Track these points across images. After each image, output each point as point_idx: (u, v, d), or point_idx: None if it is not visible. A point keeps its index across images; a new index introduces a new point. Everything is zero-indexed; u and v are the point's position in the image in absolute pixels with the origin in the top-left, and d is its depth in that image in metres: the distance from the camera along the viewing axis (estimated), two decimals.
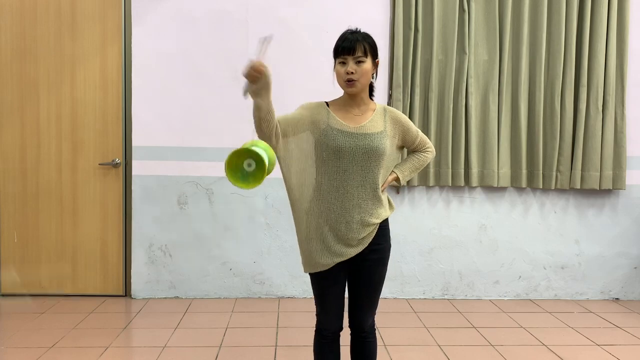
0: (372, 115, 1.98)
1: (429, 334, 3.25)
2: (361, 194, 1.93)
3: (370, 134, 1.93)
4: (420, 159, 2.14)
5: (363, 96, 1.99)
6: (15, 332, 3.17)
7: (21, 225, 3.83)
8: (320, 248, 1.94)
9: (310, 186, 1.95)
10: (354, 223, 1.92)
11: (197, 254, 3.87)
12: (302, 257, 2.02)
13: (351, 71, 1.88)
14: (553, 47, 3.81)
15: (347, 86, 1.92)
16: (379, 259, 2.01)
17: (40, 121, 3.79)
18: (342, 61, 1.90)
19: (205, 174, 3.84)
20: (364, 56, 1.90)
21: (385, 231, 2.04)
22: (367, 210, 1.93)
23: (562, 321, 3.53)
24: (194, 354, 2.90)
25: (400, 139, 2.04)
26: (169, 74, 3.78)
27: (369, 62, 1.91)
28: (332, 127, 1.93)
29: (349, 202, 1.92)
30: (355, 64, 1.89)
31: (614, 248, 4.01)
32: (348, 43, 1.88)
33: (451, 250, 3.96)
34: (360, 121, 1.96)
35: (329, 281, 1.99)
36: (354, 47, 1.88)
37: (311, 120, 1.95)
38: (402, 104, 3.75)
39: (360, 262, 1.99)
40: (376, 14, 3.82)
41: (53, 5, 3.75)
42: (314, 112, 1.97)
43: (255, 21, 3.78)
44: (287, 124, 1.93)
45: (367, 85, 1.96)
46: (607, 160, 3.84)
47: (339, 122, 1.94)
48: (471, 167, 3.81)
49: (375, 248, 1.99)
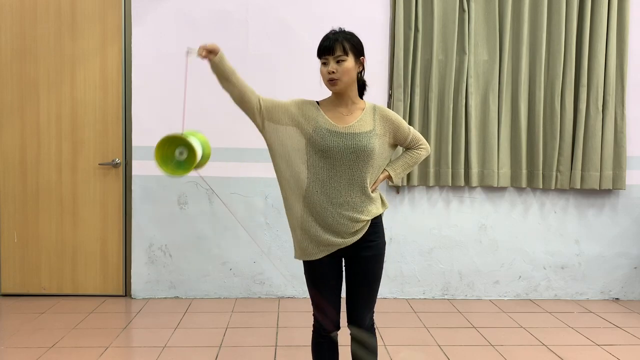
0: (361, 115, 1.99)
1: (429, 334, 3.25)
2: (349, 192, 1.94)
3: (359, 133, 1.94)
4: (413, 156, 2.13)
5: (351, 95, 2.00)
6: (15, 332, 3.17)
7: (21, 225, 3.83)
8: (308, 237, 1.96)
9: (300, 180, 1.96)
10: (343, 218, 1.93)
11: (197, 254, 3.87)
12: (293, 243, 2.04)
13: (332, 70, 1.91)
14: (553, 47, 3.81)
15: (330, 85, 1.95)
16: (373, 255, 2.01)
17: (40, 121, 3.79)
18: (324, 61, 1.95)
19: (205, 174, 3.82)
20: (344, 55, 1.92)
21: (378, 227, 2.03)
22: (355, 207, 1.94)
23: (562, 321, 3.53)
24: (194, 354, 2.90)
25: (392, 137, 2.04)
26: (169, 74, 3.78)
27: (350, 61, 1.93)
28: (321, 127, 1.94)
29: (337, 199, 1.93)
30: (336, 63, 1.92)
31: (614, 248, 4.01)
32: (327, 43, 1.93)
33: (451, 250, 3.96)
34: (349, 121, 1.97)
35: (321, 271, 2.00)
36: (333, 46, 1.91)
37: (299, 118, 1.97)
38: (402, 103, 3.75)
39: (354, 259, 2.00)
40: (376, 14, 3.82)
41: (53, 5, 3.75)
42: (304, 109, 1.99)
43: (255, 21, 3.78)
44: (273, 106, 1.96)
45: (351, 84, 1.97)
46: (607, 160, 3.84)
47: (328, 122, 1.96)
48: (471, 167, 3.81)
49: (369, 245, 1.99)
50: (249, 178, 3.86)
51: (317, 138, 1.93)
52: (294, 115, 1.97)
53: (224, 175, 3.83)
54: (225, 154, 3.82)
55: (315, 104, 2.02)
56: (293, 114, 1.97)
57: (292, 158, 1.95)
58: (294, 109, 1.98)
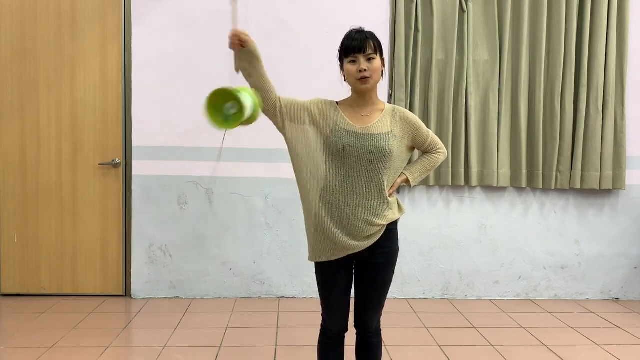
0: (381, 116, 1.97)
1: (429, 334, 3.25)
2: (366, 194, 1.92)
3: (377, 134, 1.92)
4: (431, 161, 2.11)
5: (372, 95, 1.98)
6: (15, 332, 3.17)
7: (21, 225, 3.83)
8: (324, 238, 1.93)
9: (318, 180, 1.94)
10: (359, 221, 1.91)
11: (197, 254, 3.87)
12: (308, 245, 2.02)
13: (364, 68, 1.88)
14: (553, 47, 3.81)
15: (360, 83, 1.91)
16: (385, 262, 1.99)
17: (40, 121, 3.79)
18: (353, 60, 1.90)
19: (205, 174, 3.84)
20: (375, 53, 1.90)
21: (393, 234, 2.01)
22: (372, 210, 1.92)
23: (562, 321, 3.53)
24: (194, 354, 2.90)
25: (410, 139, 2.02)
26: (169, 74, 3.78)
27: (379, 60, 1.92)
28: (339, 127, 1.93)
29: (354, 201, 1.91)
30: (367, 61, 1.89)
31: (614, 248, 4.01)
32: (358, 42, 1.89)
33: (451, 250, 3.96)
34: (368, 122, 1.95)
35: (332, 273, 1.99)
36: (364, 45, 1.88)
37: (318, 117, 1.96)
38: (403, 103, 3.75)
39: (366, 264, 1.98)
40: (376, 14, 3.81)
41: (53, 5, 3.75)
42: (323, 109, 1.97)
43: (255, 21, 3.78)
44: (292, 106, 1.95)
45: (378, 82, 1.96)
46: (607, 160, 3.84)
47: (347, 122, 1.94)
48: (471, 167, 3.81)
49: (382, 251, 1.97)
50: (249, 178, 3.86)
51: (335, 138, 1.91)
52: (314, 115, 1.96)
53: (224, 175, 3.83)
54: (225, 154, 3.82)
55: (334, 104, 2.00)
56: (312, 114, 1.96)
57: (310, 158, 1.94)
58: (314, 108, 1.97)
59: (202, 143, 3.81)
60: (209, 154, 3.82)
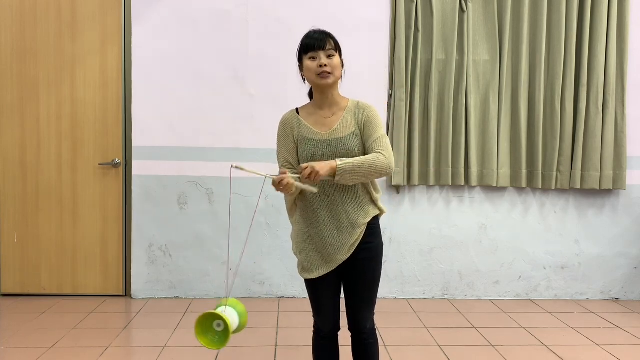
0: (344, 115, 1.96)
1: (429, 334, 3.25)
2: (344, 198, 1.92)
3: (343, 137, 1.91)
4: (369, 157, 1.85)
5: (334, 93, 1.97)
6: (15, 332, 3.17)
7: (21, 225, 3.83)
8: (310, 257, 1.97)
9: (302, 193, 1.95)
10: (344, 227, 1.92)
11: (197, 254, 3.87)
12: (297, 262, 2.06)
13: (325, 63, 1.88)
14: (553, 47, 3.81)
15: (321, 78, 1.89)
16: (370, 257, 1.98)
17: (40, 121, 3.79)
18: (313, 56, 1.90)
19: (205, 174, 3.83)
20: (334, 51, 1.92)
21: (375, 229, 2.00)
22: (353, 212, 1.93)
23: (562, 321, 3.53)
24: (194, 354, 2.89)
25: (360, 129, 1.94)
26: (169, 74, 3.78)
27: (338, 58, 1.93)
28: (303, 137, 1.94)
29: (335, 209, 1.92)
30: (327, 57, 1.90)
31: (614, 248, 4.01)
32: (318, 39, 1.90)
33: (451, 250, 3.96)
34: (332, 124, 1.94)
35: (322, 286, 2.01)
36: (324, 41, 1.89)
37: (289, 136, 1.98)
38: (403, 103, 3.75)
39: (351, 263, 1.96)
40: (376, 14, 3.81)
41: (53, 5, 3.75)
42: (287, 127, 1.99)
43: (255, 21, 3.78)
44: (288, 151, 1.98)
45: (339, 80, 1.96)
46: (607, 160, 3.84)
47: (311, 130, 1.94)
48: (471, 167, 3.81)
49: (366, 247, 1.96)
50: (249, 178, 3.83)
51: (302, 150, 1.93)
52: (287, 136, 1.98)
53: (224, 175, 3.82)
54: (225, 154, 3.82)
55: (294, 114, 2.00)
56: (287, 136, 1.98)
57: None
58: (282, 131, 2.00)
59: (202, 143, 3.81)
60: (209, 154, 3.82)
